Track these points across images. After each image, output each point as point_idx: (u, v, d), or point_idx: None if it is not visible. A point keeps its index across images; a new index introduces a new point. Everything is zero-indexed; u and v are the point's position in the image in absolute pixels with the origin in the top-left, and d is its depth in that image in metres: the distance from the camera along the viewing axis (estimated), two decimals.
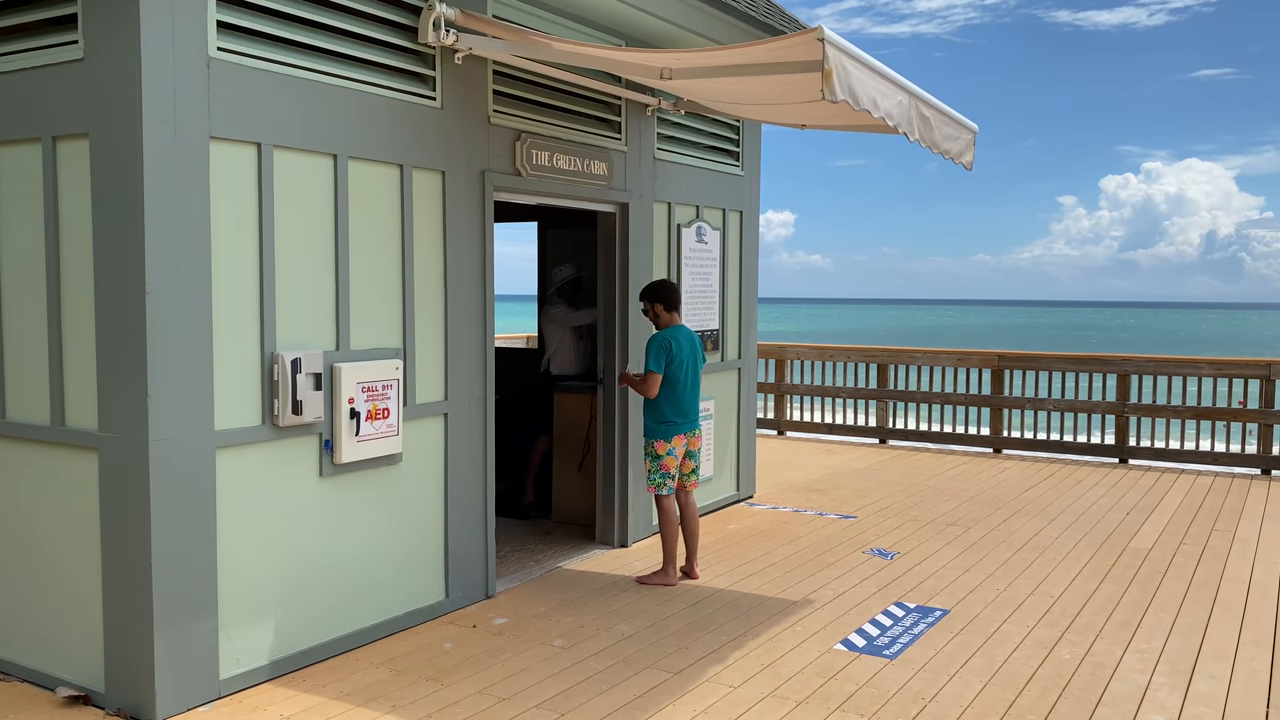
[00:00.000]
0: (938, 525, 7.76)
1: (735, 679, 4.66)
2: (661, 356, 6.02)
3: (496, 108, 5.72)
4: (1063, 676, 4.74)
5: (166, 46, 4.01)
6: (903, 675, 4.72)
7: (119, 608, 4.20)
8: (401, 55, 5.11)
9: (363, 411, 4.86)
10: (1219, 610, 5.75)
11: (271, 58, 4.46)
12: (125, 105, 3.98)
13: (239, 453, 4.41)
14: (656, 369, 6.00)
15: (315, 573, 4.79)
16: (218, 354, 4.29)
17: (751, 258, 8.61)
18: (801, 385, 12.52)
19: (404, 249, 5.17)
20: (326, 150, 4.72)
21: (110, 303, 4.11)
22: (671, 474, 6.11)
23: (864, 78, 4.42)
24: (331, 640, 4.87)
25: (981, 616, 5.59)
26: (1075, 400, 11.08)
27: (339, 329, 4.82)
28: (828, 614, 5.60)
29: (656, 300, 6.17)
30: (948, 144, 5.71)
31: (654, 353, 6.03)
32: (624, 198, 6.82)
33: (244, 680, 4.47)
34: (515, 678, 4.64)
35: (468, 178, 5.53)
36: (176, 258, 4.10)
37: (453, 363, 5.50)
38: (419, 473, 5.33)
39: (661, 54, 5.02)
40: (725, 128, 8.08)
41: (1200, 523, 7.94)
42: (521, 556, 6.70)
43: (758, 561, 6.66)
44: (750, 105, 6.42)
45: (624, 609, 5.65)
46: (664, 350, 6.02)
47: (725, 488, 8.34)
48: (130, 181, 4.00)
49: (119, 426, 4.12)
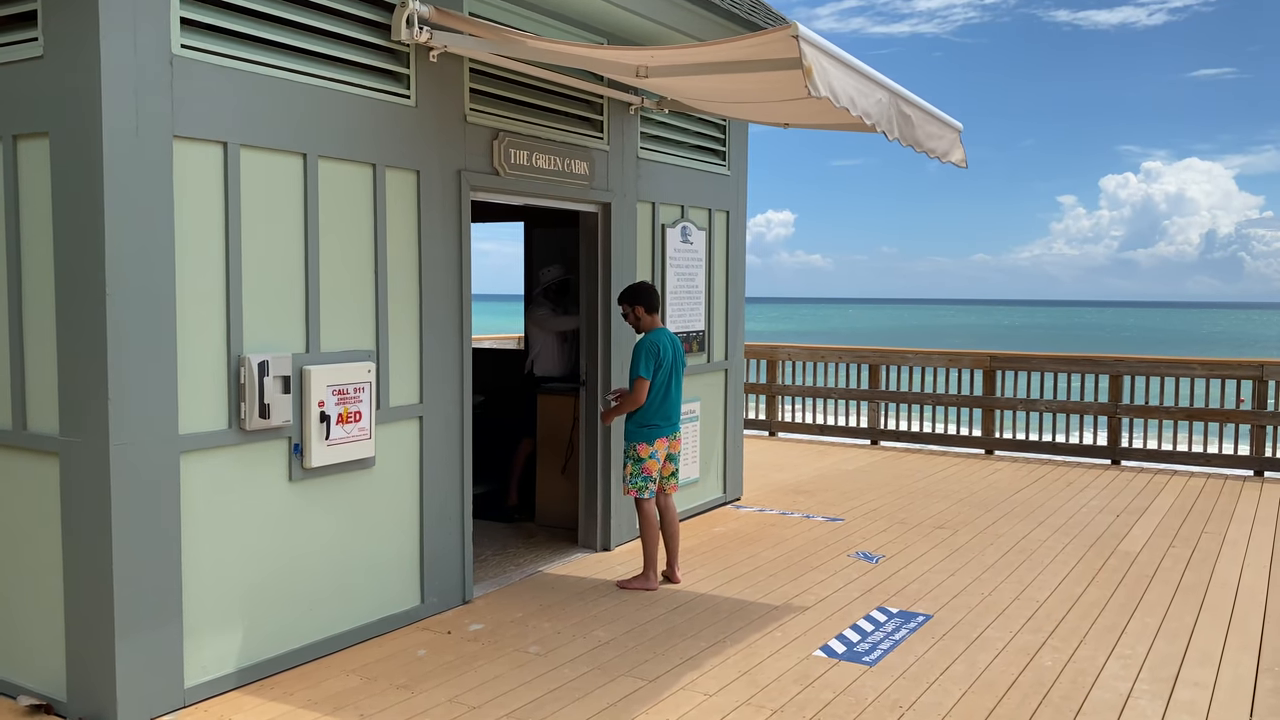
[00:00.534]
0: (925, 528, 7.69)
1: (711, 686, 4.58)
2: (651, 362, 5.93)
3: (474, 106, 5.65)
4: (1044, 684, 4.66)
5: (128, 44, 3.93)
6: (881, 683, 4.64)
7: (81, 614, 4.12)
8: (374, 53, 5.03)
9: (333, 415, 4.78)
10: (1206, 615, 5.67)
11: (238, 56, 4.38)
12: (85, 104, 3.91)
13: (204, 457, 4.34)
14: (647, 375, 5.91)
15: (285, 578, 4.71)
16: (182, 357, 4.22)
17: (738, 258, 8.54)
18: (793, 386, 12.45)
19: (377, 249, 5.09)
20: (296, 149, 4.65)
21: (70, 304, 4.04)
22: (653, 477, 6.03)
23: (841, 75, 4.35)
24: (302, 647, 4.80)
25: (965, 621, 5.52)
26: (1067, 401, 11.00)
27: (309, 331, 4.75)
28: (809, 619, 5.53)
29: (637, 303, 6.09)
30: (931, 142, 5.64)
31: (643, 358, 5.93)
32: (606, 197, 6.75)
33: (211, 688, 4.39)
34: (487, 685, 4.57)
35: (444, 177, 5.46)
36: (138, 258, 4.02)
37: (428, 365, 5.42)
38: (393, 477, 5.25)
39: (637, 51, 4.95)
40: (711, 127, 8.00)
41: (1190, 525, 7.87)
42: (502, 561, 6.63)
43: (741, 565, 6.59)
44: (732, 104, 6.35)
45: (602, 614, 5.58)
46: (653, 355, 5.93)
47: (711, 490, 8.26)
48: (90, 181, 3.93)
49: (80, 430, 4.04)
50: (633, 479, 6.03)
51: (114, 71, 3.90)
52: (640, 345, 5.99)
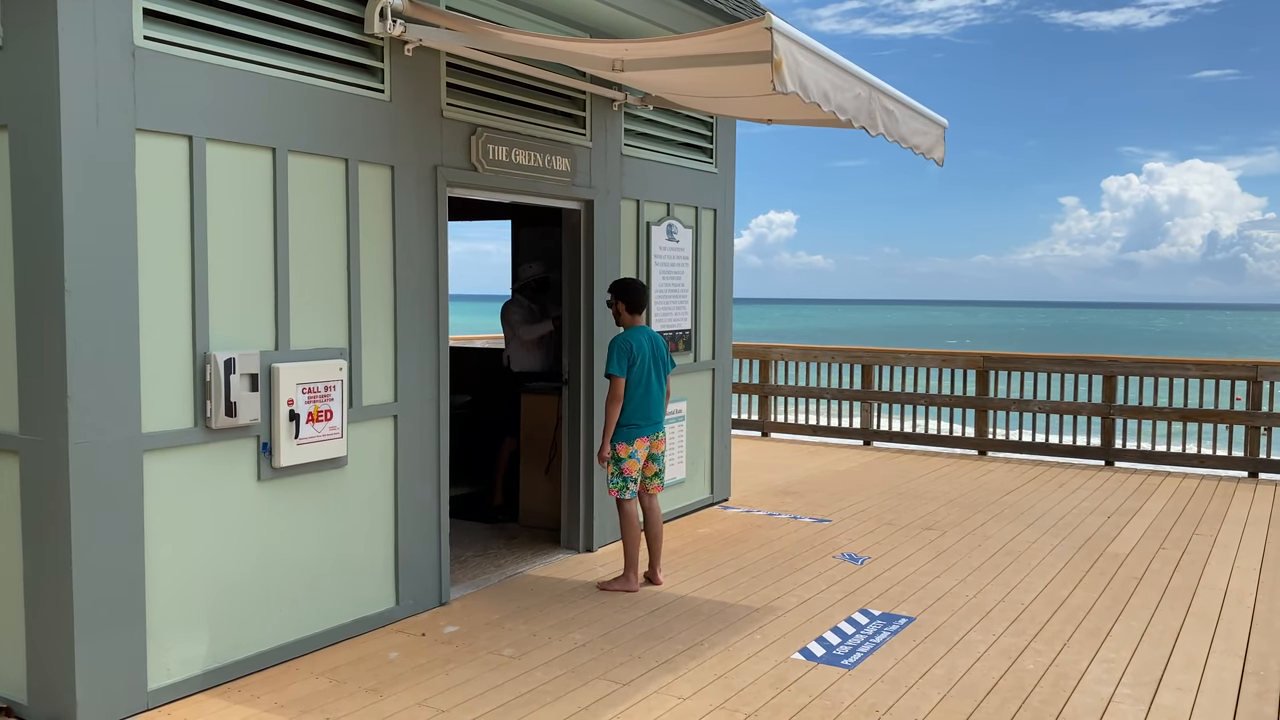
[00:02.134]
0: (913, 529, 7.61)
1: (685, 690, 4.51)
2: (624, 359, 5.86)
3: (450, 101, 5.57)
4: (1024, 688, 4.58)
5: (87, 34, 3.86)
6: (859, 686, 4.56)
7: (41, 615, 4.05)
8: (346, 46, 4.96)
9: (303, 413, 4.71)
10: (1192, 619, 5.59)
11: (204, 47, 4.31)
12: (43, 95, 3.83)
13: (169, 456, 4.26)
14: (619, 373, 5.85)
15: (253, 579, 4.64)
16: (145, 354, 4.14)
17: (726, 257, 8.46)
18: (786, 386, 12.37)
19: (349, 245, 5.01)
20: (265, 144, 4.57)
21: (29, 300, 3.96)
22: (633, 477, 5.96)
23: (816, 69, 4.27)
24: (272, 649, 4.72)
25: (947, 624, 5.44)
26: (1061, 401, 10.92)
27: (278, 328, 4.67)
28: (789, 622, 5.45)
29: (621, 299, 6.02)
30: (916, 138, 5.56)
31: (615, 356, 5.87)
32: (589, 194, 6.67)
33: (175, 691, 4.31)
34: (457, 689, 4.49)
35: (419, 173, 5.38)
36: (99, 253, 3.95)
37: (403, 363, 5.34)
38: (366, 476, 5.18)
39: (612, 44, 4.87)
40: (697, 124, 7.93)
41: (1182, 527, 7.79)
42: (482, 562, 6.55)
43: (724, 567, 6.51)
44: (711, 99, 6.27)
45: (580, 616, 5.50)
46: (625, 353, 5.87)
47: (698, 491, 8.18)
48: (49, 174, 3.85)
49: (39, 429, 3.97)
50: (613, 479, 5.96)
51: (73, 62, 3.82)
52: (612, 343, 5.92)
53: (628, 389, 5.87)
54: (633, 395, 5.88)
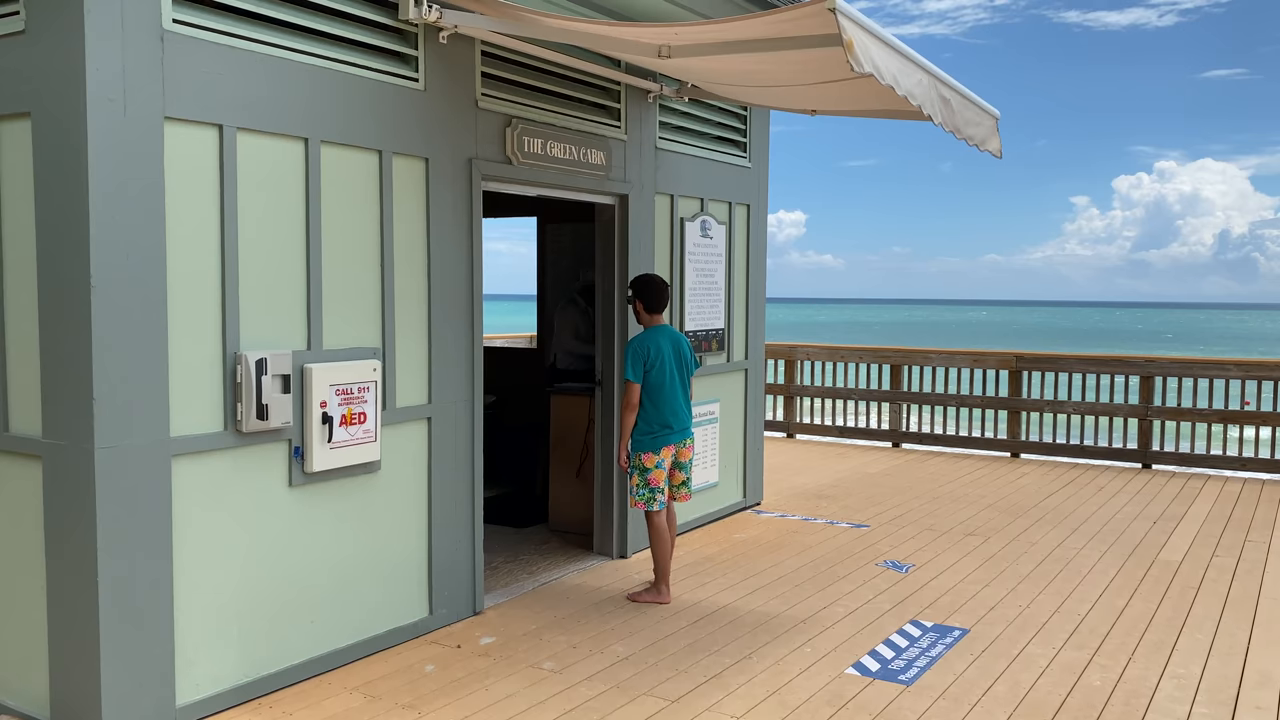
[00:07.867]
0: (955, 535, 7.37)
1: (738, 708, 4.28)
2: (639, 364, 5.61)
3: (485, 91, 5.36)
4: (1094, 706, 4.35)
5: (114, 17, 3.66)
6: (920, 704, 4.34)
7: (65, 629, 3.85)
8: (380, 33, 4.75)
9: (336, 416, 4.50)
10: (1259, 631, 5.35)
11: (235, 33, 4.10)
12: (69, 82, 3.63)
13: (198, 461, 4.06)
14: (634, 378, 5.60)
15: (285, 590, 4.43)
16: (173, 354, 3.94)
17: (759, 254, 8.23)
18: (812, 387, 12.13)
19: (383, 241, 4.81)
20: (297, 134, 4.36)
21: (54, 297, 3.76)
22: (660, 488, 5.70)
23: (882, 53, 4.04)
24: (303, 662, 4.52)
25: (1003, 636, 5.20)
26: (1096, 403, 10.66)
27: (310, 327, 4.47)
28: (839, 633, 5.22)
29: (639, 297, 5.78)
30: (970, 129, 5.34)
31: (630, 360, 5.61)
32: (623, 189, 6.45)
33: (204, 707, 4.11)
34: (498, 705, 4.28)
35: (454, 165, 5.17)
36: (126, 248, 3.74)
37: (437, 363, 5.13)
38: (400, 481, 4.97)
39: (660, 28, 4.65)
40: (732, 117, 7.70)
41: (1232, 533, 7.53)
42: (514, 568, 6.34)
43: (765, 575, 6.29)
44: (757, 88, 6.04)
45: (620, 627, 5.28)
46: (640, 357, 5.62)
47: (731, 494, 7.96)
48: (74, 164, 3.65)
49: (63, 433, 3.77)
50: (638, 491, 5.70)
51: (99, 47, 3.62)
52: (628, 347, 5.66)
53: (650, 392, 5.62)
54: (656, 398, 5.63)
